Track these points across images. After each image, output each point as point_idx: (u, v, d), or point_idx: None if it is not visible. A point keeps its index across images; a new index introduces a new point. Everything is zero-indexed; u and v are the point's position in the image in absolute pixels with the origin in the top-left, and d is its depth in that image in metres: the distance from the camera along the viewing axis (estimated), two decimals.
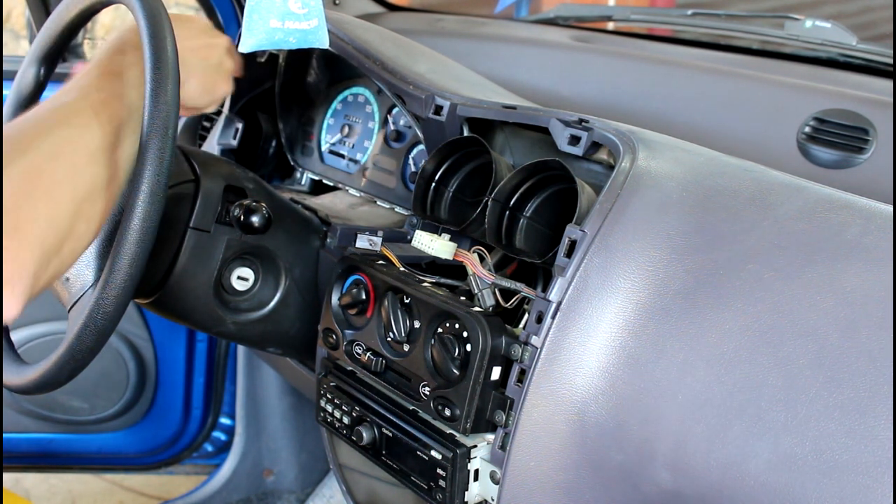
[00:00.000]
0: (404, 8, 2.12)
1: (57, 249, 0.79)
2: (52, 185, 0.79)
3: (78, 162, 0.82)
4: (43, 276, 0.78)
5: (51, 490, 2.45)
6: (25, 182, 0.77)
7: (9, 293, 0.74)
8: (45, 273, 0.78)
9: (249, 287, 1.15)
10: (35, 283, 0.77)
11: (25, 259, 0.75)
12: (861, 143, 1.19)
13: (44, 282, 0.79)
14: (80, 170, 0.82)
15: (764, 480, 0.72)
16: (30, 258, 0.76)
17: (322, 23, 0.99)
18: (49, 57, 1.07)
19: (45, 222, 0.77)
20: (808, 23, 1.54)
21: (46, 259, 0.77)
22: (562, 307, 0.84)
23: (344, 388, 1.07)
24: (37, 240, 0.76)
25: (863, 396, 0.69)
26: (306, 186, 1.48)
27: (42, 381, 0.90)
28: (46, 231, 0.77)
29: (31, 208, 0.77)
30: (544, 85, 1.53)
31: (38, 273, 0.77)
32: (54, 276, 0.80)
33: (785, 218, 0.81)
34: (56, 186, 0.79)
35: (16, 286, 0.75)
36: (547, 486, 0.86)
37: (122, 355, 2.01)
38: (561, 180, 0.99)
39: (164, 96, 0.84)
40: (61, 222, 0.79)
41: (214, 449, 2.22)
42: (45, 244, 0.77)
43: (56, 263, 0.79)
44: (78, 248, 0.83)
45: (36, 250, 0.76)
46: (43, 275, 0.78)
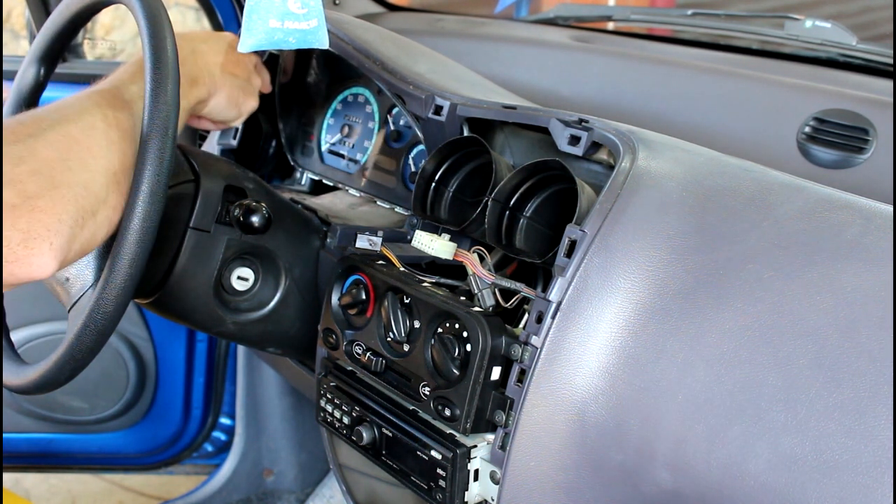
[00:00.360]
0: (404, 8, 2.12)
1: (92, 213, 0.80)
2: (87, 154, 0.81)
3: (113, 137, 0.84)
4: (78, 236, 0.79)
5: (51, 490, 2.45)
6: (63, 147, 0.79)
7: (46, 247, 0.75)
8: (80, 234, 0.79)
9: (249, 287, 1.15)
10: (70, 243, 0.78)
11: (62, 215, 0.76)
12: (861, 143, 1.19)
13: (79, 244, 0.80)
14: (115, 144, 0.84)
15: (764, 480, 0.72)
16: (66, 215, 0.77)
17: (322, 23, 0.99)
18: (49, 57, 1.07)
19: (81, 186, 0.79)
20: (808, 23, 1.54)
21: (82, 220, 0.79)
22: (562, 307, 0.84)
23: (344, 388, 1.07)
24: (73, 199, 0.78)
25: (863, 396, 0.69)
26: (306, 186, 1.48)
27: (42, 381, 0.90)
28: (82, 193, 0.79)
29: (68, 170, 0.78)
30: (544, 85, 1.53)
31: (74, 232, 0.78)
32: (88, 241, 0.81)
33: (785, 218, 0.81)
34: (91, 155, 0.81)
35: (53, 240, 0.76)
36: (547, 486, 0.86)
37: (122, 355, 2.01)
38: (561, 180, 0.99)
39: (164, 96, 0.85)
40: (96, 189, 0.81)
41: (214, 449, 2.22)
42: (80, 205, 0.78)
43: (91, 228, 0.81)
44: (112, 219, 0.84)
45: (71, 209, 0.77)
46: (79, 235, 0.79)
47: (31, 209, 0.74)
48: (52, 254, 0.76)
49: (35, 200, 0.75)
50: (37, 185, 0.75)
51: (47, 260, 0.75)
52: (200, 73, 1.07)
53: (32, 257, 0.74)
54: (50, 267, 0.76)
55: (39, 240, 0.74)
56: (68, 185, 0.78)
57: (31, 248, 0.74)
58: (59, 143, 0.80)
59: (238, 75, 1.14)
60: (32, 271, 0.75)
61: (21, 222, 0.73)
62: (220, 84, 1.10)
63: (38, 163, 0.77)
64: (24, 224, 0.73)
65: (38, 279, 0.77)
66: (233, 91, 1.12)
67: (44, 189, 0.76)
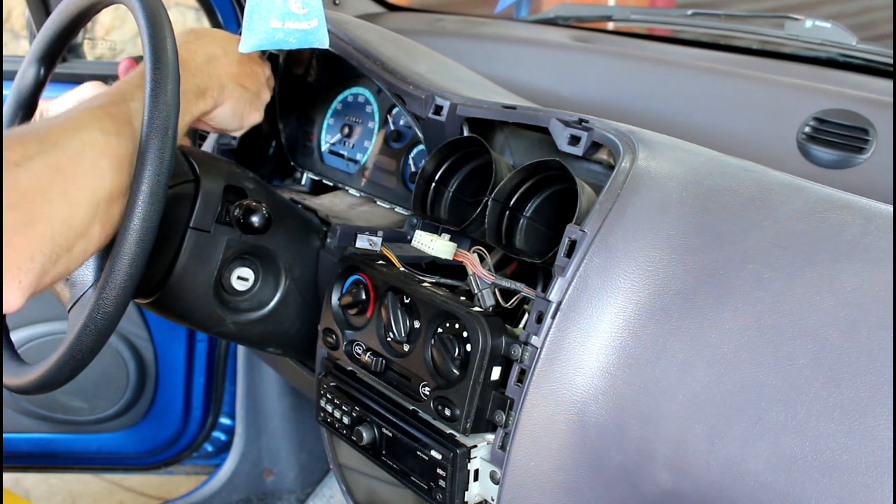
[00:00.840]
0: (404, 8, 2.12)
1: (68, 248, 0.79)
2: (72, 185, 0.79)
3: (102, 165, 0.82)
4: (50, 272, 0.78)
5: (51, 490, 2.45)
6: (46, 178, 0.78)
7: (14, 285, 0.74)
8: (52, 270, 0.78)
9: (249, 287, 1.15)
10: (41, 278, 0.77)
11: (34, 253, 0.75)
12: (861, 143, 1.19)
13: (50, 278, 0.79)
14: (103, 173, 0.82)
15: (764, 480, 0.72)
16: (40, 253, 0.76)
17: (322, 23, 0.99)
18: (49, 57, 1.07)
19: (60, 221, 0.78)
20: (808, 23, 1.54)
21: (55, 256, 0.78)
22: (562, 307, 0.84)
23: (344, 388, 1.07)
24: (48, 236, 0.77)
25: (863, 396, 0.69)
26: (306, 186, 1.48)
27: (42, 381, 0.90)
28: (60, 229, 0.78)
29: (48, 204, 0.77)
30: (544, 85, 1.53)
31: (46, 269, 0.77)
32: (61, 273, 0.81)
33: (785, 218, 0.81)
34: (76, 186, 0.80)
35: (22, 279, 0.75)
36: (547, 486, 0.86)
37: (122, 355, 2.01)
38: (561, 180, 0.99)
39: (163, 96, 0.84)
40: (77, 222, 0.79)
41: (214, 449, 2.22)
42: (56, 241, 0.77)
43: (65, 262, 0.80)
44: (89, 250, 0.83)
45: (46, 246, 0.76)
46: (50, 271, 0.78)
47: (6, 245, 0.73)
48: (20, 292, 0.75)
49: (10, 237, 0.73)
50: (14, 220, 0.74)
51: (14, 297, 0.75)
52: (211, 85, 1.05)
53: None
54: (16, 303, 0.76)
55: (8, 277, 0.74)
56: (46, 221, 0.76)
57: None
58: (43, 173, 0.77)
59: (248, 88, 1.11)
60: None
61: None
62: (228, 95, 1.08)
63: (19, 196, 0.75)
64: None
65: (5, 309, 0.76)
66: (239, 103, 1.10)
67: (20, 225, 0.74)
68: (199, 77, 1.03)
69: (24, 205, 0.75)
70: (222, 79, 1.07)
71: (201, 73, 1.03)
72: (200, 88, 1.03)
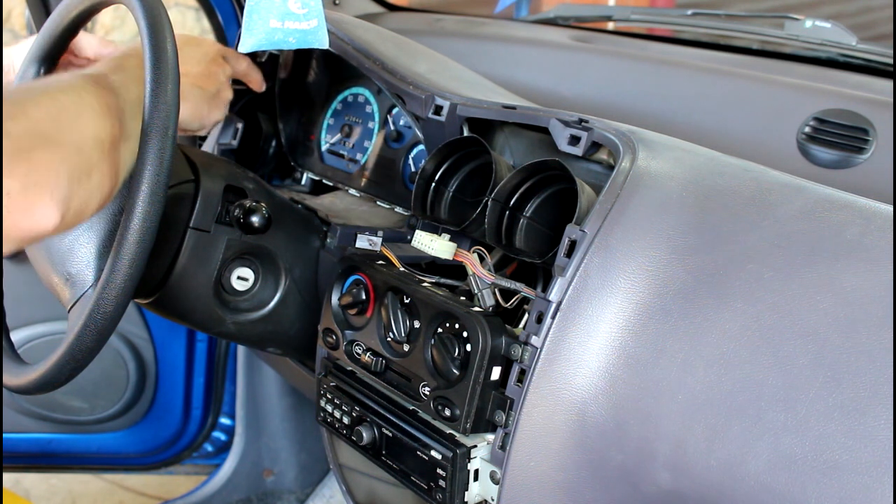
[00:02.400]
0: (404, 8, 2.12)
1: (87, 173, 0.79)
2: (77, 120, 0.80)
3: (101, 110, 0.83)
4: (76, 194, 0.78)
5: (51, 490, 2.45)
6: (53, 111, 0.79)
7: (47, 197, 0.74)
8: (77, 191, 0.78)
9: (249, 287, 1.15)
10: (69, 198, 0.76)
11: (59, 168, 0.75)
12: (861, 143, 1.19)
13: (77, 204, 0.78)
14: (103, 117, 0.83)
15: (764, 480, 0.72)
16: (63, 169, 0.76)
17: (322, 23, 0.99)
18: (49, 57, 1.07)
19: (73, 146, 0.78)
20: (808, 23, 1.54)
21: (78, 178, 0.77)
22: (562, 307, 0.84)
23: (344, 388, 1.07)
24: (67, 157, 0.77)
25: (863, 396, 0.69)
26: (306, 186, 1.48)
27: (42, 381, 0.90)
28: (74, 153, 0.78)
29: (59, 131, 0.77)
30: (544, 85, 1.53)
31: (72, 188, 0.77)
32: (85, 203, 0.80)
33: (785, 218, 0.81)
34: (81, 122, 0.80)
35: (53, 191, 0.75)
36: (547, 486, 0.86)
37: (122, 355, 2.01)
38: (561, 180, 0.99)
39: (164, 96, 0.84)
40: (88, 151, 0.80)
41: (214, 449, 2.22)
42: (74, 163, 0.77)
43: (87, 189, 0.79)
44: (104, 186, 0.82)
45: (66, 165, 0.76)
46: (76, 193, 0.78)
47: (28, 160, 0.73)
48: (54, 204, 0.75)
49: (30, 153, 0.74)
50: (30, 140, 0.75)
51: (50, 211, 0.74)
52: None
53: (34, 206, 0.73)
54: (53, 218, 0.75)
55: (39, 189, 0.73)
56: (60, 144, 0.77)
57: (32, 198, 0.73)
58: (50, 106, 0.79)
59: (206, 88, 1.15)
60: (36, 221, 0.74)
61: (19, 171, 0.72)
62: (185, 96, 1.10)
63: (30, 121, 0.76)
64: (22, 173, 0.72)
65: (42, 232, 0.75)
66: (197, 104, 1.14)
67: (38, 144, 0.75)
68: None
69: (38, 129, 0.76)
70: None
71: None
72: None
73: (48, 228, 0.75)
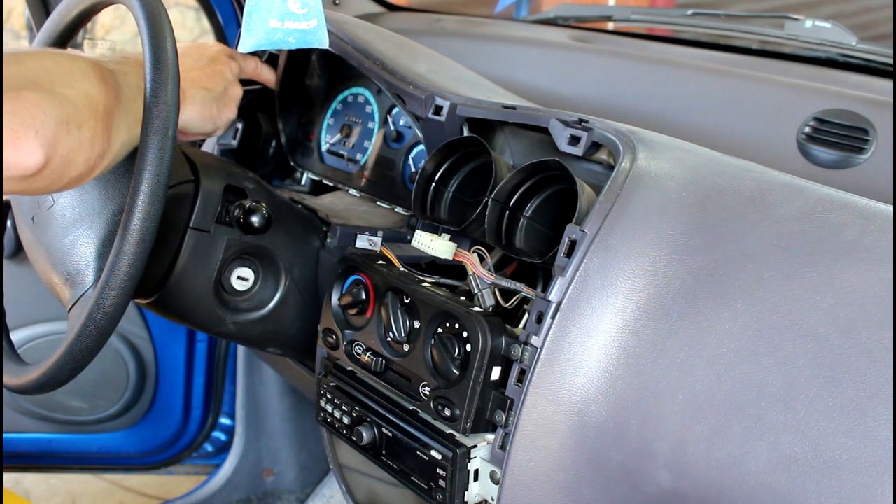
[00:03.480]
0: (404, 8, 2.12)
1: (77, 125, 0.80)
2: (69, 76, 0.81)
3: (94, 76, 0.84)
4: (63, 140, 0.78)
5: (51, 490, 2.45)
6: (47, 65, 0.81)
7: (32, 134, 0.75)
8: (65, 139, 0.78)
9: (249, 287, 1.15)
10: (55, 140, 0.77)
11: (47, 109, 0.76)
12: (861, 143, 1.19)
13: (64, 150, 0.79)
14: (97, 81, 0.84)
15: (764, 480, 0.72)
16: (51, 110, 0.77)
17: (322, 23, 0.99)
18: None
19: (64, 97, 0.79)
20: (808, 23, 1.54)
21: (66, 124, 0.78)
22: (562, 307, 0.84)
23: (344, 388, 1.07)
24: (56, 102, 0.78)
25: (863, 396, 0.69)
26: (306, 186, 1.48)
27: (42, 381, 0.90)
28: (65, 102, 0.79)
29: (51, 82, 0.79)
30: (544, 85, 1.53)
31: (59, 133, 0.77)
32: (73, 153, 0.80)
33: (785, 218, 0.81)
34: (73, 78, 0.81)
35: (39, 129, 0.75)
36: (547, 485, 0.86)
37: (122, 355, 2.01)
38: (561, 180, 0.99)
39: (164, 96, 0.84)
40: (80, 104, 0.80)
41: (214, 449, 2.22)
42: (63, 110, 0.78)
43: (76, 138, 0.80)
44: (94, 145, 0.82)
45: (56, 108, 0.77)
46: (63, 140, 0.78)
47: (17, 97, 0.74)
48: (38, 142, 0.75)
49: (19, 91, 0.75)
50: (20, 82, 0.76)
51: (34, 146, 0.75)
52: None
53: (19, 141, 0.74)
54: (37, 156, 0.76)
55: (25, 126, 0.74)
56: (51, 91, 0.78)
57: (17, 132, 0.74)
58: (44, 60, 0.81)
59: (212, 89, 1.13)
60: (20, 156, 0.75)
61: (6, 107, 0.73)
62: (191, 99, 1.10)
63: (22, 68, 0.78)
64: (9, 108, 0.73)
65: (27, 169, 0.76)
66: (205, 105, 1.12)
67: (27, 86, 0.76)
68: None
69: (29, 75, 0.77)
70: (182, 84, 1.07)
71: None
72: None
73: (32, 166, 0.76)
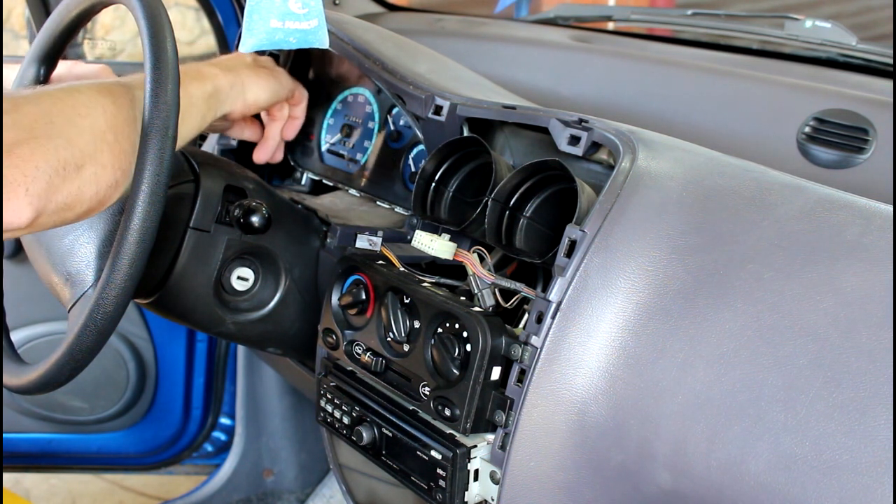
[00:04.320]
0: (404, 8, 2.12)
1: (76, 167, 0.80)
2: (72, 111, 0.81)
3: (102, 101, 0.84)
4: (61, 188, 0.79)
5: (51, 490, 2.45)
6: (47, 105, 0.80)
7: (22, 192, 0.75)
8: (63, 186, 0.79)
9: (249, 287, 1.15)
10: (50, 191, 0.77)
11: (39, 163, 0.76)
12: (861, 143, 1.19)
13: (62, 196, 0.79)
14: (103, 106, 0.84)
15: (764, 480, 0.72)
16: (45, 164, 0.77)
17: (322, 23, 0.99)
18: (49, 57, 1.07)
19: (63, 139, 0.79)
20: (808, 23, 1.54)
21: (63, 171, 0.78)
22: (562, 307, 0.84)
23: (344, 388, 1.07)
24: (52, 150, 0.78)
25: (863, 396, 0.69)
26: (306, 186, 1.47)
27: (42, 381, 0.90)
28: (63, 146, 0.79)
29: (49, 124, 0.79)
30: (544, 85, 1.53)
31: (54, 183, 0.78)
32: (75, 196, 0.81)
33: (785, 218, 0.81)
34: (76, 113, 0.81)
35: (29, 186, 0.76)
36: (547, 485, 0.86)
37: (122, 355, 2.01)
38: (561, 180, 0.99)
39: (164, 96, 0.84)
40: (81, 143, 0.81)
41: (214, 449, 2.22)
42: (60, 156, 0.78)
43: (76, 182, 0.80)
44: (101, 177, 0.83)
45: (51, 158, 0.77)
46: (61, 187, 0.78)
47: (9, 156, 0.75)
48: (28, 199, 0.76)
49: (12, 148, 0.75)
50: (15, 135, 0.76)
51: (22, 205, 0.75)
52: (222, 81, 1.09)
53: (9, 201, 0.74)
54: (25, 214, 0.76)
55: (14, 185, 0.75)
56: (48, 137, 0.78)
57: (7, 194, 0.74)
58: (44, 100, 0.81)
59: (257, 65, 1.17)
60: (9, 215, 0.75)
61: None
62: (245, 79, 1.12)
63: (20, 115, 0.77)
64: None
65: (14, 228, 0.76)
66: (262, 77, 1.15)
67: (22, 139, 0.76)
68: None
69: (26, 123, 0.77)
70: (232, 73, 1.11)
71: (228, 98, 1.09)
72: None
73: (19, 224, 0.76)
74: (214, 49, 1.92)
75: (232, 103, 1.10)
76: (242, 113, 1.14)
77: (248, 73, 1.13)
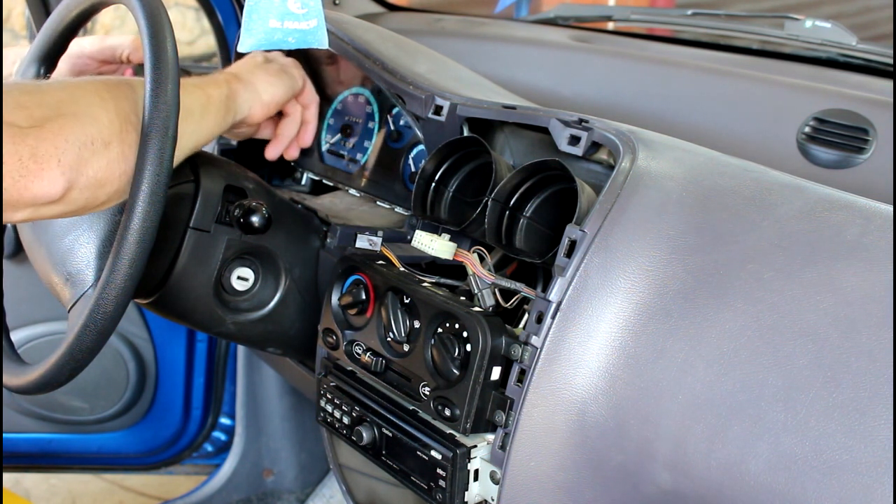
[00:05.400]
0: (404, 8, 2.12)
1: (104, 143, 0.82)
2: (95, 96, 0.84)
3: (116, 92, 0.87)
4: (90, 161, 0.81)
5: (51, 490, 2.45)
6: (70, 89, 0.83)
7: (54, 163, 0.78)
8: (92, 160, 0.81)
9: (249, 287, 1.15)
10: (80, 164, 0.80)
11: (69, 136, 0.79)
12: (861, 143, 1.19)
13: (92, 171, 0.82)
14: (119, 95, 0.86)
15: (764, 480, 0.72)
16: (74, 137, 0.80)
17: (321, 23, 0.99)
18: (49, 57, 1.07)
19: (90, 117, 0.82)
20: (808, 23, 1.54)
21: (92, 145, 0.81)
22: (562, 307, 0.84)
23: (344, 388, 1.07)
24: (80, 126, 0.81)
25: (863, 396, 0.69)
26: (306, 186, 1.47)
27: (42, 381, 0.90)
28: (90, 122, 0.82)
29: (74, 104, 0.82)
30: (544, 85, 1.53)
31: (83, 155, 0.80)
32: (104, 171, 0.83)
33: (785, 218, 0.81)
34: (99, 97, 0.84)
35: (61, 157, 0.78)
36: (547, 486, 0.86)
37: (122, 355, 2.01)
38: (561, 180, 0.99)
39: (164, 96, 0.85)
40: (107, 121, 0.83)
41: (214, 449, 2.22)
42: (88, 131, 0.81)
43: (105, 157, 0.83)
44: (128, 156, 0.85)
45: (79, 132, 0.80)
46: (90, 161, 0.81)
47: (39, 129, 0.78)
48: (61, 170, 0.78)
49: (42, 122, 0.78)
50: (43, 112, 0.79)
51: (56, 175, 0.78)
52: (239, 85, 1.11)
53: (42, 171, 0.77)
54: (58, 184, 0.79)
55: (47, 156, 0.78)
56: (75, 115, 0.81)
57: (41, 163, 0.77)
58: (67, 86, 0.84)
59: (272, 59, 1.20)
60: (44, 186, 0.78)
61: (29, 139, 0.77)
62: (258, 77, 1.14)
63: (45, 96, 0.81)
64: (31, 141, 0.77)
65: (48, 197, 0.79)
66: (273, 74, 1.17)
67: (50, 115, 0.79)
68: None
69: (52, 103, 0.80)
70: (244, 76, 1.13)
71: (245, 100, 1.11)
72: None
73: (53, 194, 0.79)
74: (214, 49, 1.92)
75: (249, 106, 1.11)
76: (263, 114, 1.15)
77: (261, 74, 1.15)
